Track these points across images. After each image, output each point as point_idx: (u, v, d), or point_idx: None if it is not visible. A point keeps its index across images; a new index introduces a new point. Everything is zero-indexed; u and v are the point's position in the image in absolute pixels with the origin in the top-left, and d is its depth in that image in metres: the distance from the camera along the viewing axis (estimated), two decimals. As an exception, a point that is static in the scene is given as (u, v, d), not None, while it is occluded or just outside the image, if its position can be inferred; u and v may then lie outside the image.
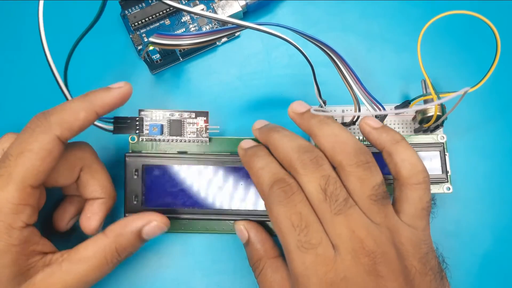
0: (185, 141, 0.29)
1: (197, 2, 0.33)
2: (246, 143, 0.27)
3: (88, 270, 0.24)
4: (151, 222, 0.26)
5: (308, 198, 0.22)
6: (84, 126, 0.24)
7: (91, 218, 0.26)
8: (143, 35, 0.32)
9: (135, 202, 0.28)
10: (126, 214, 0.28)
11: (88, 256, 0.24)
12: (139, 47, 0.32)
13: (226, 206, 0.28)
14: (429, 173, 0.28)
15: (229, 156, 0.28)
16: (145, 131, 0.29)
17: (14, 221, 0.21)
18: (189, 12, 0.31)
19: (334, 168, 0.23)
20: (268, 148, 0.26)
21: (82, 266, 0.23)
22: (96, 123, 0.28)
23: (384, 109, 0.27)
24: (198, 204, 0.28)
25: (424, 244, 0.22)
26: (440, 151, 0.29)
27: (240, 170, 0.28)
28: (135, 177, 0.28)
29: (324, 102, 0.28)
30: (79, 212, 0.28)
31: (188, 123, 0.29)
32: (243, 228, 0.27)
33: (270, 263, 0.25)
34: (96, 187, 0.26)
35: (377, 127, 0.25)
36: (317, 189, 0.22)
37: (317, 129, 0.24)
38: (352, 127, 0.30)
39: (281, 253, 0.26)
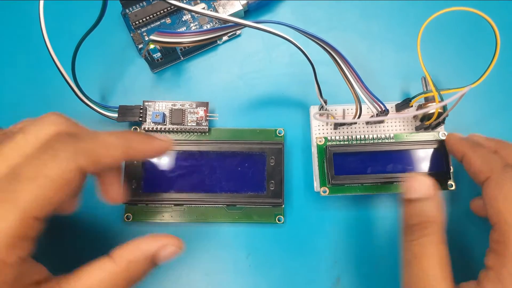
0: (185, 130, 0.30)
1: (198, 1, 0.33)
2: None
3: None
4: (166, 246, 0.22)
5: None
6: (110, 165, 0.21)
7: (109, 189, 0.24)
8: (144, 33, 0.32)
9: (133, 187, 0.28)
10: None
11: (92, 285, 0.20)
12: (140, 46, 0.32)
13: (223, 191, 0.29)
14: (431, 171, 0.28)
15: (226, 142, 0.29)
16: (148, 120, 0.30)
17: (8, 257, 0.18)
18: (190, 11, 0.31)
19: None
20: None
21: None
22: (101, 110, 0.28)
23: (385, 107, 0.27)
24: (196, 188, 0.29)
25: None
26: (441, 148, 0.29)
27: (237, 156, 0.29)
28: (135, 162, 0.29)
29: (325, 102, 0.28)
30: (78, 192, 0.24)
31: (189, 112, 0.30)
32: (430, 185, 0.24)
33: (439, 232, 0.23)
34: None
35: None
36: None
37: None
38: (352, 126, 0.30)
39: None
